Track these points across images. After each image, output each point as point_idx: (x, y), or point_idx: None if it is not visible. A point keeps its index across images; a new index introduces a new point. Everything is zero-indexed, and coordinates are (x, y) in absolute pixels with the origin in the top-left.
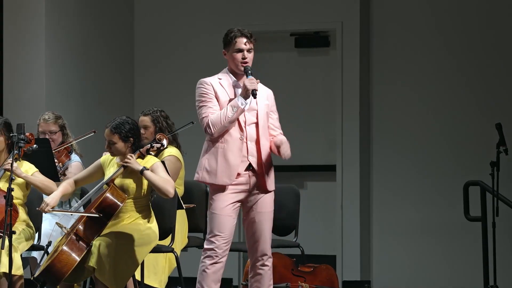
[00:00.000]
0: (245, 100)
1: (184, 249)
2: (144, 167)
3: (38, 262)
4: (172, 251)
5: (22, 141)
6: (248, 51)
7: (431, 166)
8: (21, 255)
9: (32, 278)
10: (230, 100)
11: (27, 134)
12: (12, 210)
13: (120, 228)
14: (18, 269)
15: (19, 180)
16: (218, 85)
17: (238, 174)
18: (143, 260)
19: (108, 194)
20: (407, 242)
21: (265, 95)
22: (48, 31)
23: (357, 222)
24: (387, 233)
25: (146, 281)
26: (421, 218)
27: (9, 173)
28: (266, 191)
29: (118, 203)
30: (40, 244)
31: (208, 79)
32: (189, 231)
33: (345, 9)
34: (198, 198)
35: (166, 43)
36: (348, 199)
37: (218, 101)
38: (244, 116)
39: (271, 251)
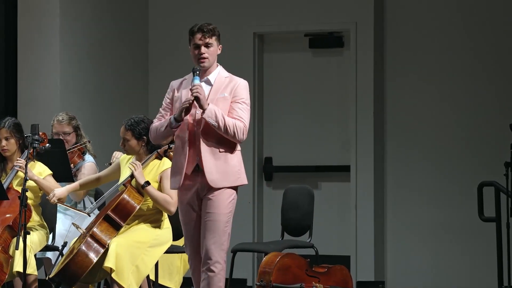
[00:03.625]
0: (180, 119)
1: None
2: (146, 182)
3: (53, 262)
4: None
5: (36, 142)
6: (206, 46)
7: (445, 167)
8: (35, 255)
9: (47, 279)
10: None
11: (40, 133)
12: (26, 210)
13: (135, 229)
14: (32, 269)
15: (31, 181)
16: (178, 87)
17: (187, 176)
18: (158, 261)
19: (125, 196)
20: (421, 243)
21: (227, 89)
22: (62, 31)
23: (371, 222)
24: (401, 233)
25: (160, 282)
26: (435, 218)
27: (22, 173)
28: (212, 189)
29: (135, 205)
30: (54, 244)
31: (174, 82)
32: None
33: (359, 9)
34: None
35: (180, 43)
36: (362, 199)
37: (173, 105)
38: (192, 116)
39: (286, 251)
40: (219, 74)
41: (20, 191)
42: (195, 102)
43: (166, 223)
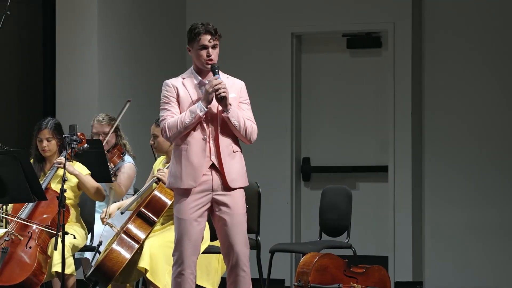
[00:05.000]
0: (207, 106)
1: None
2: None
3: (90, 262)
4: None
5: (74, 142)
6: (213, 47)
7: (484, 168)
8: (73, 256)
9: (84, 279)
10: (193, 101)
11: (78, 134)
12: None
13: (171, 228)
14: (70, 268)
15: (71, 181)
16: (181, 86)
17: (202, 175)
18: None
19: (156, 192)
20: (459, 243)
21: (234, 89)
22: (100, 32)
23: (409, 222)
24: (439, 234)
25: (198, 282)
26: (473, 219)
27: (61, 173)
28: (228, 189)
29: (167, 200)
30: (93, 245)
31: (170, 81)
32: None
33: (397, 9)
34: (249, 199)
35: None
36: (400, 199)
37: (179, 104)
38: (208, 115)
39: (324, 251)
40: (221, 74)
41: (59, 192)
42: (214, 100)
43: (205, 224)
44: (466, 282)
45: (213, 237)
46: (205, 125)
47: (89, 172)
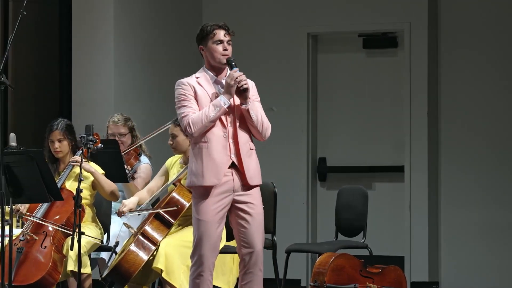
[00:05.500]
0: (229, 98)
1: None
2: None
3: (107, 262)
4: None
5: (91, 143)
6: (228, 43)
7: (500, 167)
8: (89, 256)
9: (100, 279)
10: (211, 98)
11: (93, 134)
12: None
13: (187, 229)
14: (86, 268)
15: (86, 180)
16: (197, 84)
17: (224, 173)
18: None
19: (174, 194)
20: (475, 243)
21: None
22: (116, 33)
23: (425, 223)
24: (456, 234)
25: (214, 282)
26: (490, 219)
27: (76, 171)
28: (250, 187)
29: (185, 202)
30: (109, 245)
31: (185, 80)
32: None
33: (413, 9)
34: (266, 199)
35: (232, 44)
36: (416, 199)
37: (197, 101)
38: (226, 113)
39: (340, 251)
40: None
41: (74, 191)
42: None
43: None
44: (482, 283)
45: (229, 237)
46: (225, 121)
47: (103, 172)
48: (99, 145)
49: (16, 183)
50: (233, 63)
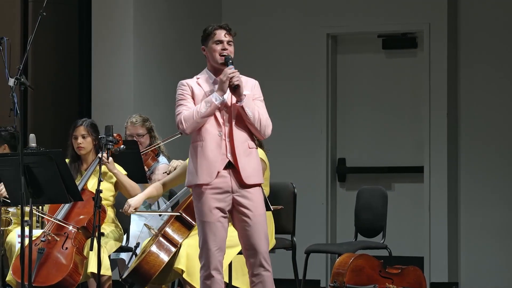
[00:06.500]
0: (222, 95)
1: (271, 251)
2: None
3: (127, 263)
4: None
5: (110, 143)
6: (228, 43)
7: None
8: (109, 256)
9: (120, 280)
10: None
11: (114, 135)
12: (100, 211)
13: None
14: (106, 270)
15: (107, 182)
16: (196, 85)
17: (218, 173)
18: (231, 262)
19: None
20: (495, 244)
21: (247, 87)
22: (136, 33)
23: (445, 223)
24: (475, 234)
25: (234, 283)
26: (510, 220)
27: (102, 169)
28: (247, 186)
29: None
30: (129, 245)
31: (185, 81)
32: (276, 233)
33: (432, 10)
34: (285, 200)
35: (252, 45)
36: (436, 200)
37: (194, 100)
38: (222, 112)
39: (360, 252)
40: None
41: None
42: (228, 97)
43: None
44: (502, 284)
45: None
46: (220, 120)
47: (125, 173)
48: (122, 146)
49: (36, 184)
50: (230, 61)
